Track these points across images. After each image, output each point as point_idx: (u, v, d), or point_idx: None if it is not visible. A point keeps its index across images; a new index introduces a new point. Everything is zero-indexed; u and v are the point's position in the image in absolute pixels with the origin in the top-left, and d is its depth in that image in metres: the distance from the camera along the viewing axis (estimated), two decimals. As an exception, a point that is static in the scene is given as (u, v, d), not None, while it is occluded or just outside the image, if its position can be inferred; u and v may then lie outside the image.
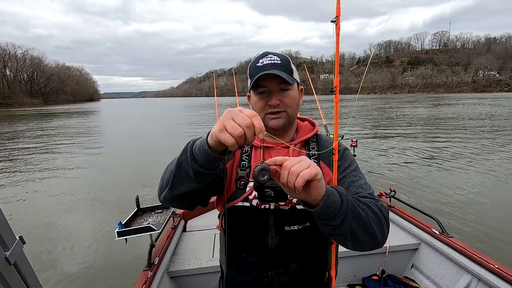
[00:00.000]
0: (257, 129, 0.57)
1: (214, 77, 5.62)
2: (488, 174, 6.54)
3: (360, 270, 2.20)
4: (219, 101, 4.33)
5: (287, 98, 0.84)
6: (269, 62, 0.83)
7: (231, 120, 0.57)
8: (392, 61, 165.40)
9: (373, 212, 0.75)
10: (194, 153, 0.66)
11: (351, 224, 0.69)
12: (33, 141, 13.46)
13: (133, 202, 2.31)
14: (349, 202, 0.69)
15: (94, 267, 3.43)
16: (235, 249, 0.88)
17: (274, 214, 0.83)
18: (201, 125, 19.25)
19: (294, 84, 0.85)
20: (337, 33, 0.78)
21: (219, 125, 0.58)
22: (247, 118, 0.57)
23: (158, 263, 1.82)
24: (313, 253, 0.87)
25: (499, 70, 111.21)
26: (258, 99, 0.86)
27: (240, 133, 0.56)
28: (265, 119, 0.87)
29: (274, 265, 0.85)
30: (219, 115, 4.77)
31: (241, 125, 0.56)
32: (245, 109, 0.60)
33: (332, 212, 0.66)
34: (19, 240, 0.56)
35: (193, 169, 0.67)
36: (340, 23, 0.77)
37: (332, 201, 0.66)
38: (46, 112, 41.01)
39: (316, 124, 0.99)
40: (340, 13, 0.77)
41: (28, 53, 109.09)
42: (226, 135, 0.57)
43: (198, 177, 0.68)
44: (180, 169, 0.70)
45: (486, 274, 1.66)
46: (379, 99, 62.92)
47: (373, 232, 0.73)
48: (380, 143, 10.72)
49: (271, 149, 0.91)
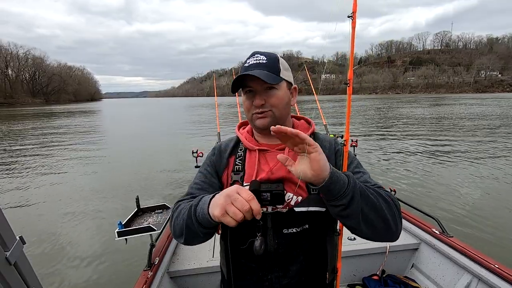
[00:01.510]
0: (255, 212, 0.63)
1: (214, 77, 5.63)
2: (488, 174, 6.52)
3: (360, 270, 2.20)
4: (219, 101, 4.34)
5: (272, 98, 0.83)
6: (254, 62, 0.83)
7: (231, 205, 0.63)
8: (394, 61, 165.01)
9: (383, 199, 0.73)
10: (199, 220, 0.73)
11: (361, 206, 0.68)
12: (33, 141, 13.50)
13: (133, 202, 2.31)
14: (356, 182, 0.69)
15: (94, 267, 3.44)
16: (233, 254, 0.88)
17: (272, 217, 0.83)
18: (202, 124, 19.29)
19: (282, 83, 0.84)
20: (353, 27, 0.83)
21: (221, 210, 0.64)
22: (246, 203, 0.62)
23: (158, 263, 1.82)
24: (312, 255, 0.86)
25: (501, 71, 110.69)
26: (245, 98, 0.87)
27: (240, 218, 0.63)
28: (252, 119, 0.87)
29: (274, 269, 0.85)
30: (219, 115, 4.70)
31: (241, 210, 0.62)
32: (242, 190, 0.65)
33: (339, 190, 0.66)
34: (19, 240, 0.56)
35: (201, 231, 0.75)
36: (356, 18, 0.83)
37: (338, 178, 0.66)
38: (47, 112, 41.12)
39: (312, 123, 0.98)
40: (356, 9, 0.82)
41: (30, 52, 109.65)
42: (228, 219, 0.63)
43: (206, 234, 0.78)
44: (189, 230, 0.77)
45: (487, 274, 1.65)
46: (380, 99, 62.80)
47: (385, 217, 0.71)
48: (380, 143, 10.70)
49: (267, 151, 0.90)
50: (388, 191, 0.82)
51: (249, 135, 0.95)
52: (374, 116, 22.00)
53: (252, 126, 0.93)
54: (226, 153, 0.94)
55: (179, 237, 0.82)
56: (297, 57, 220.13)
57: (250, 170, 0.87)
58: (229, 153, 0.94)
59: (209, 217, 0.68)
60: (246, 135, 0.95)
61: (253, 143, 0.92)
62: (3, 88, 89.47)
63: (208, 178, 0.92)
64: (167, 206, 2.36)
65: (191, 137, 13.62)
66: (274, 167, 0.86)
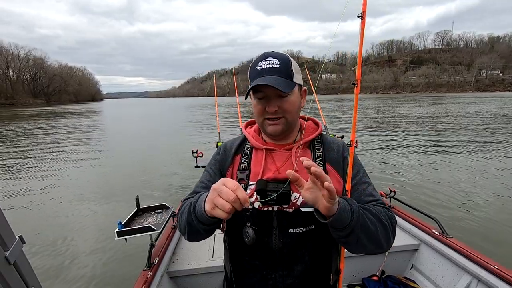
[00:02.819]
0: (242, 200, 0.63)
1: (214, 77, 5.64)
2: (488, 174, 6.51)
3: (360, 271, 2.20)
4: (220, 101, 4.34)
5: (286, 104, 0.82)
6: (267, 66, 0.80)
7: (218, 198, 0.64)
8: (395, 60, 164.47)
9: (382, 224, 0.77)
10: (197, 217, 0.74)
11: (358, 236, 0.71)
12: (33, 141, 13.52)
13: (133, 202, 2.32)
14: (359, 218, 0.71)
15: (93, 267, 3.44)
16: (238, 252, 0.88)
17: (277, 217, 0.82)
18: (202, 124, 19.28)
19: (295, 87, 0.83)
20: (362, 28, 0.84)
21: (210, 204, 0.66)
22: (231, 193, 0.63)
23: (158, 263, 1.82)
24: (317, 255, 0.86)
25: (502, 69, 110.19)
26: (256, 103, 0.85)
27: (229, 209, 0.63)
28: (263, 124, 0.86)
29: (278, 268, 0.84)
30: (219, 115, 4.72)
31: (228, 201, 0.63)
32: (228, 181, 0.65)
33: (340, 225, 0.69)
34: (18, 240, 0.56)
35: (201, 228, 0.76)
36: (365, 18, 0.84)
37: (342, 216, 0.68)
38: (48, 113, 41.15)
39: (320, 124, 0.97)
40: (366, 9, 0.83)
41: (31, 53, 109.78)
42: (219, 212, 0.64)
43: (208, 231, 0.80)
44: (191, 227, 0.79)
45: (486, 275, 1.65)
46: (381, 98, 62.67)
47: (379, 241, 0.76)
48: (380, 143, 10.69)
49: (274, 151, 0.90)
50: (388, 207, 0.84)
51: (256, 134, 0.95)
52: (374, 116, 21.96)
53: (262, 131, 0.92)
54: (231, 151, 0.94)
55: (184, 234, 0.85)
56: (298, 57, 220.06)
57: (256, 168, 0.87)
58: (235, 151, 0.94)
59: (205, 213, 0.70)
60: (254, 134, 0.95)
61: (260, 142, 0.92)
62: (4, 89, 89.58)
63: (213, 177, 0.93)
64: (167, 206, 2.36)
65: (191, 137, 13.62)
66: (281, 167, 0.86)
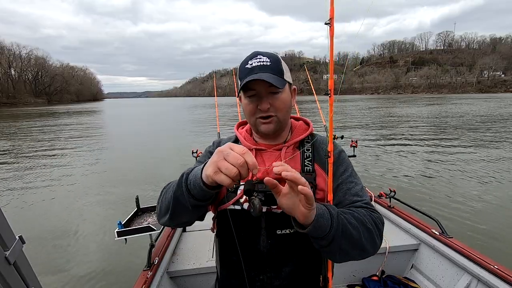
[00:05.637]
0: (251, 166, 0.58)
1: (214, 77, 5.66)
2: (488, 174, 6.49)
3: (359, 271, 2.20)
4: (220, 101, 4.34)
5: (277, 102, 0.81)
6: (257, 64, 0.80)
7: (224, 161, 0.59)
8: (396, 61, 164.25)
9: (365, 228, 0.74)
10: (189, 189, 0.68)
11: (340, 243, 0.69)
12: (32, 141, 13.56)
13: (133, 202, 2.32)
14: (339, 225, 0.68)
15: (93, 267, 3.45)
16: (227, 252, 0.88)
17: (266, 218, 0.81)
18: (202, 124, 19.29)
19: (285, 85, 0.83)
20: (331, 35, 0.78)
21: (213, 167, 0.60)
22: (239, 156, 0.58)
23: (158, 263, 1.83)
24: (306, 257, 0.85)
25: (504, 70, 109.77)
26: (248, 102, 0.83)
27: (235, 174, 0.57)
28: (256, 123, 0.85)
29: (266, 269, 0.83)
30: (219, 115, 4.71)
31: (234, 165, 0.57)
32: (235, 145, 0.60)
33: (320, 234, 0.67)
34: (18, 240, 0.56)
35: (190, 203, 0.69)
36: (334, 24, 0.78)
37: (322, 224, 0.66)
38: (49, 112, 41.27)
39: (310, 124, 0.97)
40: (333, 15, 0.76)
41: (33, 53, 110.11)
42: (222, 177, 0.58)
43: (196, 209, 0.72)
44: (177, 202, 0.72)
45: (486, 275, 1.65)
46: (382, 99, 62.60)
47: (362, 247, 0.73)
48: (380, 143, 10.67)
49: (263, 151, 0.89)
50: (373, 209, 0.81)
51: (248, 134, 0.95)
52: (375, 116, 21.93)
53: (255, 130, 0.90)
54: None
55: (164, 215, 0.78)
56: (299, 58, 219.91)
57: None
58: None
59: (202, 183, 0.65)
60: (245, 134, 0.95)
61: (251, 143, 0.91)
62: (6, 88, 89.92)
63: None
64: (167, 206, 2.36)
65: (191, 137, 13.65)
66: (270, 167, 0.86)
